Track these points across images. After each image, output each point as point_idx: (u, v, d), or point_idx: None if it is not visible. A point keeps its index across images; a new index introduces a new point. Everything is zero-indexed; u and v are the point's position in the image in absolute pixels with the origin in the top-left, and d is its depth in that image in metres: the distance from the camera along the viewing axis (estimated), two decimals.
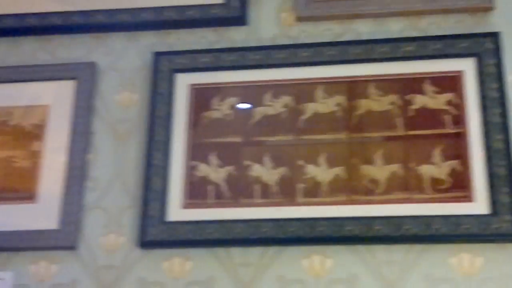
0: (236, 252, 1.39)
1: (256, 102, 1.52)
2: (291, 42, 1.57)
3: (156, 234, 1.40)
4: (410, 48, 1.49)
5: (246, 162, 1.46)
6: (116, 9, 1.65)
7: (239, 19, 1.59)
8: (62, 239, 1.44)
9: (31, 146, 1.55)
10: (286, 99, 1.51)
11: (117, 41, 1.66)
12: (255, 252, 1.38)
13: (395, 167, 1.39)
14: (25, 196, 1.51)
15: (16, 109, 1.60)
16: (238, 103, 1.53)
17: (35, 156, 1.54)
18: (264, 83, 1.54)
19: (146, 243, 1.40)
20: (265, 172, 1.44)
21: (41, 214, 1.49)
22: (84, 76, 1.58)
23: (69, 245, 1.44)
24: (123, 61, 1.64)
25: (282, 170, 1.44)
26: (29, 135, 1.57)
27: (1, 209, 1.51)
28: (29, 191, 1.51)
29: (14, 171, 1.54)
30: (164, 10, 1.64)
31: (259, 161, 1.46)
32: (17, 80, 1.62)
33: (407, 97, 1.45)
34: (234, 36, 1.61)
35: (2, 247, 1.46)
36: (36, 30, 1.67)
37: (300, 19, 1.58)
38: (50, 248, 1.45)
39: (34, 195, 1.51)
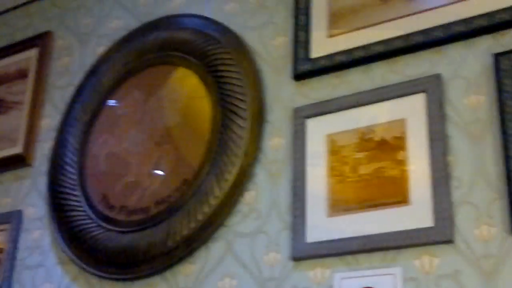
0: None
1: None
2: None
3: None
4: None
5: None
6: (451, 22, 1.74)
7: None
8: (439, 235, 1.56)
9: (396, 156, 1.71)
10: None
11: (455, 50, 1.74)
12: None
13: None
14: (399, 201, 1.66)
15: (378, 126, 1.77)
16: None
17: (401, 165, 1.69)
18: None
19: None
20: None
21: (415, 214, 1.62)
22: (432, 88, 1.71)
23: (446, 239, 1.55)
24: (464, 68, 1.71)
25: None
26: (392, 147, 1.72)
27: (379, 213, 1.67)
28: (402, 196, 1.66)
29: (385, 180, 1.70)
30: (496, 13, 1.69)
31: None
32: (375, 101, 1.80)
33: None
34: None
35: (388, 246, 1.63)
36: (383, 55, 1.82)
37: None
38: (429, 243, 1.57)
39: (406, 199, 1.65)
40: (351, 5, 1.96)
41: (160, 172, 2.14)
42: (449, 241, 1.57)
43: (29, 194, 2.43)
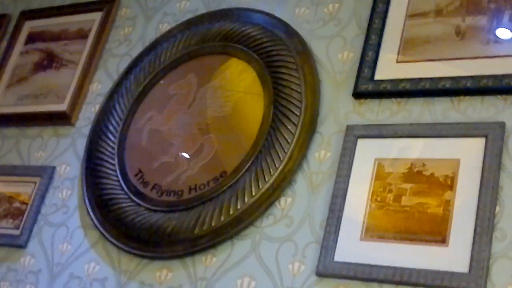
0: None
1: None
2: None
3: None
4: None
5: None
6: None
7: None
8: (472, 283, 1.53)
9: (443, 194, 1.68)
10: None
11: None
12: None
13: None
14: (437, 240, 1.64)
15: (430, 161, 1.74)
16: None
17: (446, 204, 1.67)
18: None
19: None
20: None
21: (452, 257, 1.59)
22: (494, 135, 1.68)
23: None
24: None
25: None
26: (441, 185, 1.70)
27: (414, 248, 1.65)
28: (441, 235, 1.63)
29: (427, 216, 1.68)
30: None
31: None
32: (432, 135, 1.77)
33: None
34: None
35: (418, 283, 1.59)
36: (449, 92, 1.80)
37: None
38: None
39: (445, 239, 1.62)
40: (425, 35, 1.95)
41: (198, 159, 2.14)
42: None
43: (65, 152, 2.45)
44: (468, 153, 1.72)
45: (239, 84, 2.19)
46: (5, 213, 2.39)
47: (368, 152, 1.85)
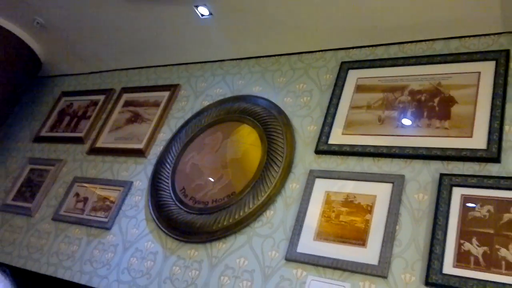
0: None
1: None
2: None
3: None
4: None
5: None
6: (419, 147, 1.68)
7: None
8: (379, 271, 1.52)
9: (365, 216, 1.67)
10: None
11: (417, 164, 1.69)
12: None
13: None
14: (359, 243, 1.62)
15: (358, 195, 1.72)
16: None
17: (366, 222, 1.65)
18: None
19: None
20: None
21: (368, 254, 1.58)
22: (397, 182, 1.66)
23: (383, 275, 1.50)
24: (420, 176, 1.66)
25: None
26: (364, 210, 1.68)
27: (345, 247, 1.63)
28: (362, 240, 1.62)
29: (354, 228, 1.66)
30: (447, 150, 1.63)
31: None
32: (360, 179, 1.74)
33: None
34: None
35: (346, 269, 1.57)
36: (372, 154, 1.77)
37: None
38: (372, 274, 1.52)
39: (365, 243, 1.61)
40: (360, 120, 1.95)
41: (219, 183, 2.13)
42: (384, 277, 1.52)
43: (140, 173, 2.44)
44: (382, 192, 1.71)
45: (247, 140, 2.19)
46: (100, 208, 2.39)
47: (321, 187, 1.84)
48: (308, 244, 1.72)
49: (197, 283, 1.86)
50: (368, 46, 2.12)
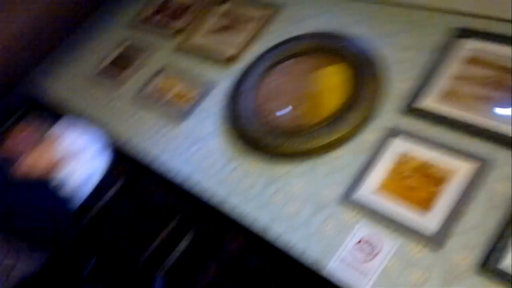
0: None
1: None
2: None
3: None
4: None
5: None
6: None
7: None
8: (434, 239, 1.49)
9: (433, 186, 1.60)
10: None
11: None
12: None
13: None
14: (421, 208, 1.57)
15: (436, 166, 1.65)
16: None
17: (432, 193, 1.58)
18: None
19: None
20: None
21: (429, 221, 1.53)
22: None
23: (440, 244, 1.48)
24: None
25: None
26: (435, 180, 1.61)
27: (403, 208, 1.59)
28: (425, 207, 1.57)
29: (420, 193, 1.60)
30: None
31: None
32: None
33: None
34: None
35: (402, 224, 1.56)
36: None
37: None
38: (424, 236, 1.51)
39: (427, 208, 1.56)
40: (462, 92, 1.80)
41: (295, 111, 2.09)
42: (438, 246, 1.49)
43: (224, 79, 2.40)
44: (463, 170, 1.62)
45: (335, 79, 2.09)
46: (177, 95, 2.38)
47: (398, 146, 1.76)
48: (367, 195, 1.70)
49: (251, 193, 1.91)
50: (491, 19, 1.91)
